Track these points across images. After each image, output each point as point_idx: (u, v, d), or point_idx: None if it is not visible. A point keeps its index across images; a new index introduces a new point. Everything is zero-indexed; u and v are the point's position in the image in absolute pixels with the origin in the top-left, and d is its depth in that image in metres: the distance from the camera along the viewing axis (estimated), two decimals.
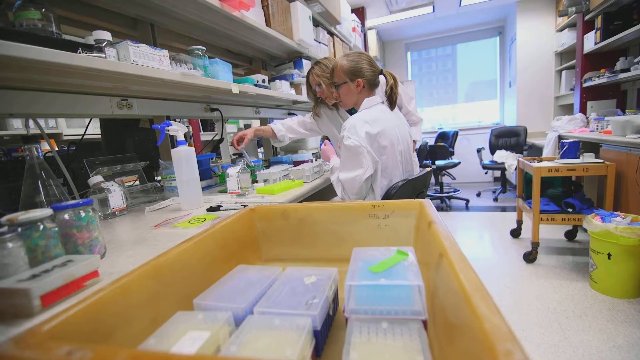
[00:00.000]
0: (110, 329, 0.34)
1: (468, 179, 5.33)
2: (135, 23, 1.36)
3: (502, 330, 0.24)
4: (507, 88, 4.98)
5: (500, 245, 2.71)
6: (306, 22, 1.99)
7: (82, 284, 0.51)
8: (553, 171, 2.14)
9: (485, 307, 0.27)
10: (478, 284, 0.31)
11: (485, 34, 5.22)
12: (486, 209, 3.85)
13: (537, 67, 4.24)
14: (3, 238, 0.48)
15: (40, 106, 1.03)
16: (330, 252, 0.69)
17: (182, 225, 0.89)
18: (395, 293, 0.38)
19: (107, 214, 1.09)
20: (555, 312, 1.69)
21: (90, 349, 0.24)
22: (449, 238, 0.42)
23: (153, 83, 1.15)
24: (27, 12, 0.82)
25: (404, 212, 0.67)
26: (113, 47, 0.95)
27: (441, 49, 5.59)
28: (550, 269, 2.16)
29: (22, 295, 0.44)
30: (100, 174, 1.18)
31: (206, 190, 1.53)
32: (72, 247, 0.63)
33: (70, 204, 0.63)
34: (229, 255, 0.60)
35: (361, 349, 0.32)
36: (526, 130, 4.21)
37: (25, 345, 0.25)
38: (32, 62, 0.72)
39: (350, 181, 1.21)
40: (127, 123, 1.85)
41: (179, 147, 1.10)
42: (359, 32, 3.51)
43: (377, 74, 1.31)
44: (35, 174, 0.94)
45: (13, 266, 0.49)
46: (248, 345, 0.33)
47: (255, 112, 2.20)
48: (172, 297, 0.44)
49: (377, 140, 1.20)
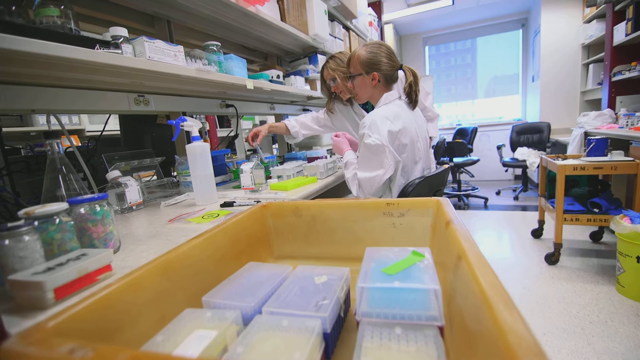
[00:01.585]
0: (117, 325, 0.34)
1: (487, 176, 5.18)
2: (152, 20, 1.38)
3: (529, 343, 0.22)
4: (530, 83, 4.80)
5: (520, 245, 2.63)
6: (321, 16, 1.96)
7: (95, 277, 0.51)
8: (579, 169, 2.04)
9: (509, 316, 0.25)
10: (500, 290, 0.29)
11: (508, 26, 5.03)
12: (506, 208, 3.74)
13: (563, 60, 4.07)
14: (20, 231, 0.49)
15: (61, 102, 1.06)
16: (342, 250, 0.67)
17: (195, 220, 0.89)
18: (410, 297, 0.37)
19: (124, 208, 1.11)
20: (578, 317, 1.62)
21: (92, 348, 0.23)
22: (468, 239, 0.40)
23: (168, 79, 1.16)
24: (46, 9, 0.84)
25: (420, 211, 0.64)
26: (129, 43, 0.95)
27: (460, 42, 5.43)
28: (574, 272, 2.08)
29: (37, 287, 0.44)
30: (118, 169, 1.20)
31: (221, 185, 1.54)
32: (87, 241, 0.64)
33: (86, 198, 0.64)
34: (240, 251, 0.59)
35: (373, 355, 0.30)
36: (549, 126, 4.05)
37: (30, 342, 0.25)
38: (51, 58, 0.74)
39: (369, 181, 1.17)
40: (145, 119, 1.88)
41: (194, 143, 1.10)
42: (376, 27, 3.45)
43: (395, 69, 1.26)
44: (56, 169, 0.96)
45: (29, 259, 0.50)
46: (255, 347, 0.32)
47: (270, 108, 2.19)
48: (181, 294, 0.43)
49: (398, 138, 1.16)
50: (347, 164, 1.29)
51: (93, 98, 1.14)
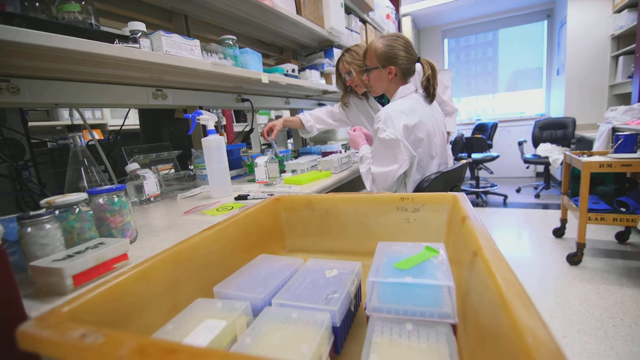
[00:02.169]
0: (130, 313, 0.35)
1: (507, 173, 5.04)
2: (170, 15, 1.39)
3: (549, 346, 0.21)
4: (554, 76, 4.61)
5: (540, 245, 2.54)
6: (338, 9, 1.94)
7: (112, 265, 0.53)
8: (605, 166, 1.95)
9: (527, 316, 0.24)
10: (518, 289, 0.27)
11: (531, 17, 4.84)
12: (526, 206, 3.63)
13: (590, 52, 3.88)
14: (41, 219, 0.51)
15: (83, 96, 1.09)
16: (355, 245, 0.67)
17: (210, 212, 0.90)
18: (422, 293, 0.36)
19: (142, 199, 1.14)
20: (600, 319, 1.56)
21: (103, 334, 0.23)
22: (485, 235, 0.38)
23: (185, 73, 1.17)
24: (68, 5, 0.86)
25: (435, 206, 0.63)
26: (147, 37, 0.97)
27: (481, 35, 5.26)
28: (597, 273, 1.99)
29: (56, 274, 0.46)
30: (137, 162, 1.23)
31: (236, 179, 1.55)
32: (105, 231, 0.66)
33: (104, 189, 0.66)
34: (252, 244, 0.59)
35: (382, 351, 0.30)
36: (575, 121, 3.88)
37: (45, 326, 0.26)
38: (72, 52, 0.75)
39: (383, 175, 1.15)
40: (163, 113, 1.92)
41: (209, 136, 1.11)
42: (393, 19, 3.38)
43: (412, 62, 1.22)
44: (78, 161, 0.99)
45: (50, 246, 0.52)
46: (264, 338, 0.32)
47: (285, 102, 2.19)
48: (193, 284, 0.44)
49: (414, 132, 1.13)
50: (362, 158, 1.28)
51: (113, 92, 1.17)
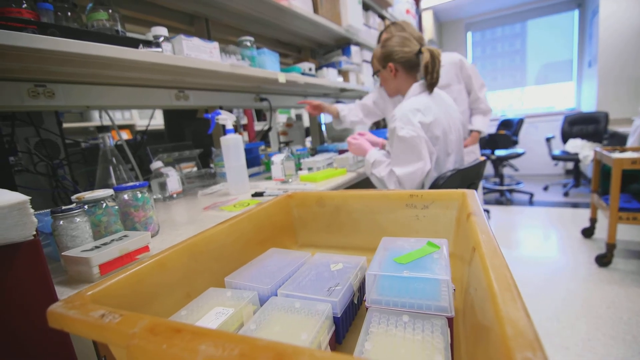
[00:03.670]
0: (147, 299, 0.38)
1: (534, 171, 4.85)
2: (191, 19, 1.45)
3: (526, 336, 0.21)
4: (586, 69, 4.38)
5: (569, 245, 2.44)
6: (355, 6, 1.94)
7: (134, 257, 0.57)
8: (638, 163, 1.85)
9: (511, 309, 0.24)
10: (508, 282, 0.28)
11: (561, 7, 4.61)
12: (554, 205, 3.48)
13: (624, 43, 3.65)
14: (72, 213, 0.56)
15: (111, 98, 1.16)
16: (364, 241, 0.68)
17: (227, 208, 0.94)
18: (420, 286, 0.37)
19: (165, 196, 1.20)
20: (629, 323, 1.49)
21: (119, 314, 0.26)
22: (486, 231, 0.39)
23: (205, 74, 1.21)
24: (96, 13, 0.92)
25: (445, 203, 0.63)
26: (169, 41, 1.02)
27: (508, 27, 5.06)
28: (627, 275, 1.90)
29: (85, 263, 0.50)
30: (161, 161, 1.29)
31: (254, 176, 1.60)
32: (130, 224, 0.70)
33: (129, 186, 0.71)
34: (264, 238, 0.62)
35: (377, 340, 0.31)
36: (607, 116, 3.68)
37: (71, 306, 0.29)
38: (101, 58, 0.81)
39: (410, 175, 1.10)
40: (186, 114, 1.99)
41: (227, 136, 1.15)
42: (413, 14, 3.33)
43: (411, 54, 1.18)
44: (107, 160, 1.06)
45: (80, 238, 0.56)
46: (267, 326, 0.35)
47: None
48: (206, 274, 0.47)
49: (430, 130, 1.11)
50: (375, 162, 1.22)
51: (138, 94, 1.23)
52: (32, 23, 0.68)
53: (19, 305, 0.40)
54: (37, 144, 1.16)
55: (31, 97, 0.95)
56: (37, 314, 0.41)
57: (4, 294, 0.39)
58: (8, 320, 0.39)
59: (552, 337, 1.47)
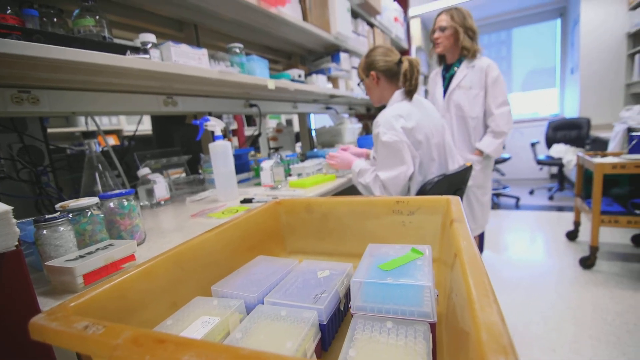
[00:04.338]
0: (132, 309, 0.38)
1: (519, 175, 4.95)
2: (180, 25, 1.45)
3: (500, 341, 0.22)
4: (569, 76, 4.51)
5: (554, 248, 2.50)
6: (344, 14, 1.97)
7: (120, 266, 0.56)
8: (618, 168, 1.91)
9: (488, 315, 0.25)
10: (486, 288, 0.29)
11: (544, 16, 4.76)
12: (540, 208, 3.56)
13: (605, 51, 3.78)
14: (56, 222, 0.55)
15: (98, 105, 1.14)
16: (352, 247, 0.68)
17: (215, 215, 0.94)
18: (403, 293, 0.37)
19: (153, 203, 1.18)
20: (613, 325, 1.53)
21: (103, 325, 0.26)
22: (467, 237, 0.40)
23: (194, 81, 1.21)
24: (83, 19, 0.91)
25: (430, 209, 0.64)
26: (157, 48, 1.01)
27: (495, 34, 5.20)
28: (611, 277, 1.95)
29: (68, 273, 0.49)
30: (149, 167, 1.28)
31: (244, 182, 1.59)
32: (115, 233, 0.69)
33: (114, 194, 0.70)
34: (252, 245, 0.62)
35: (361, 347, 0.32)
36: (589, 122, 3.80)
37: (54, 318, 0.29)
38: (88, 65, 0.80)
39: (394, 180, 1.14)
40: (175, 119, 1.98)
41: (216, 142, 1.15)
42: (402, 22, 3.39)
43: (392, 63, 1.24)
44: (93, 166, 1.04)
45: (64, 247, 0.55)
46: (253, 334, 0.35)
47: (293, 107, 2.23)
48: (192, 283, 0.47)
49: (413, 135, 1.15)
50: (360, 171, 1.25)
51: (126, 100, 1.22)
52: (17, 29, 0.67)
53: (0, 316, 0.39)
54: (20, 151, 1.14)
55: (14, 103, 0.93)
56: (19, 325, 0.40)
57: None
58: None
59: (540, 340, 1.49)
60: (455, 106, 1.81)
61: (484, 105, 1.77)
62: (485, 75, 1.74)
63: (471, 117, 1.77)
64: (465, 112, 1.78)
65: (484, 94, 1.75)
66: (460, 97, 1.78)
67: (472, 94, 1.76)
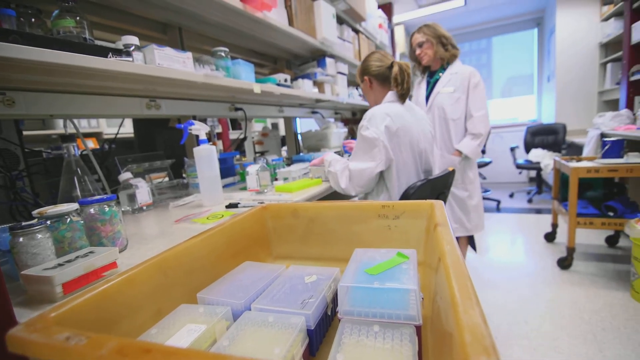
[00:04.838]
0: (116, 318, 0.37)
1: (500, 179, 5.10)
2: (164, 27, 1.43)
3: (483, 342, 0.23)
4: (545, 83, 4.69)
5: (533, 249, 2.58)
6: (330, 20, 1.99)
7: (101, 274, 0.55)
8: (592, 172, 2.00)
9: (471, 317, 0.26)
10: (469, 291, 0.30)
11: (522, 25, 4.95)
12: (519, 211, 3.67)
13: (579, 60, 3.96)
14: (33, 229, 0.53)
15: (77, 107, 1.11)
16: (338, 251, 0.69)
17: (200, 221, 0.92)
18: (389, 296, 0.38)
19: (134, 208, 1.16)
20: (590, 323, 1.59)
21: (85, 336, 0.26)
22: (450, 241, 0.41)
23: (178, 84, 1.20)
24: (63, 20, 0.89)
25: (415, 214, 0.65)
26: (140, 51, 1.00)
27: (475, 43, 5.36)
28: (587, 277, 2.02)
29: (46, 282, 0.48)
30: (131, 171, 1.25)
31: (229, 187, 1.57)
32: (96, 240, 0.67)
33: (95, 199, 0.68)
34: (238, 251, 0.62)
35: (348, 351, 0.32)
36: (565, 127, 3.96)
37: (33, 330, 0.28)
38: (67, 67, 0.78)
39: (360, 172, 1.18)
40: (157, 122, 1.94)
41: (201, 146, 1.14)
42: (386, 29, 3.45)
43: (384, 67, 1.29)
44: (72, 171, 1.01)
45: (41, 255, 0.54)
46: (240, 341, 0.34)
47: (279, 110, 2.23)
48: (177, 290, 0.46)
49: (397, 135, 1.18)
50: (332, 162, 1.30)
51: (107, 103, 1.19)
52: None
53: None
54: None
55: None
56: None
57: None
58: None
59: (522, 339, 1.53)
60: (438, 108, 1.89)
61: (465, 108, 1.87)
62: (467, 81, 1.85)
63: (452, 119, 1.86)
64: (447, 113, 1.87)
65: (465, 97, 1.86)
66: (444, 100, 1.87)
67: (455, 97, 1.86)
